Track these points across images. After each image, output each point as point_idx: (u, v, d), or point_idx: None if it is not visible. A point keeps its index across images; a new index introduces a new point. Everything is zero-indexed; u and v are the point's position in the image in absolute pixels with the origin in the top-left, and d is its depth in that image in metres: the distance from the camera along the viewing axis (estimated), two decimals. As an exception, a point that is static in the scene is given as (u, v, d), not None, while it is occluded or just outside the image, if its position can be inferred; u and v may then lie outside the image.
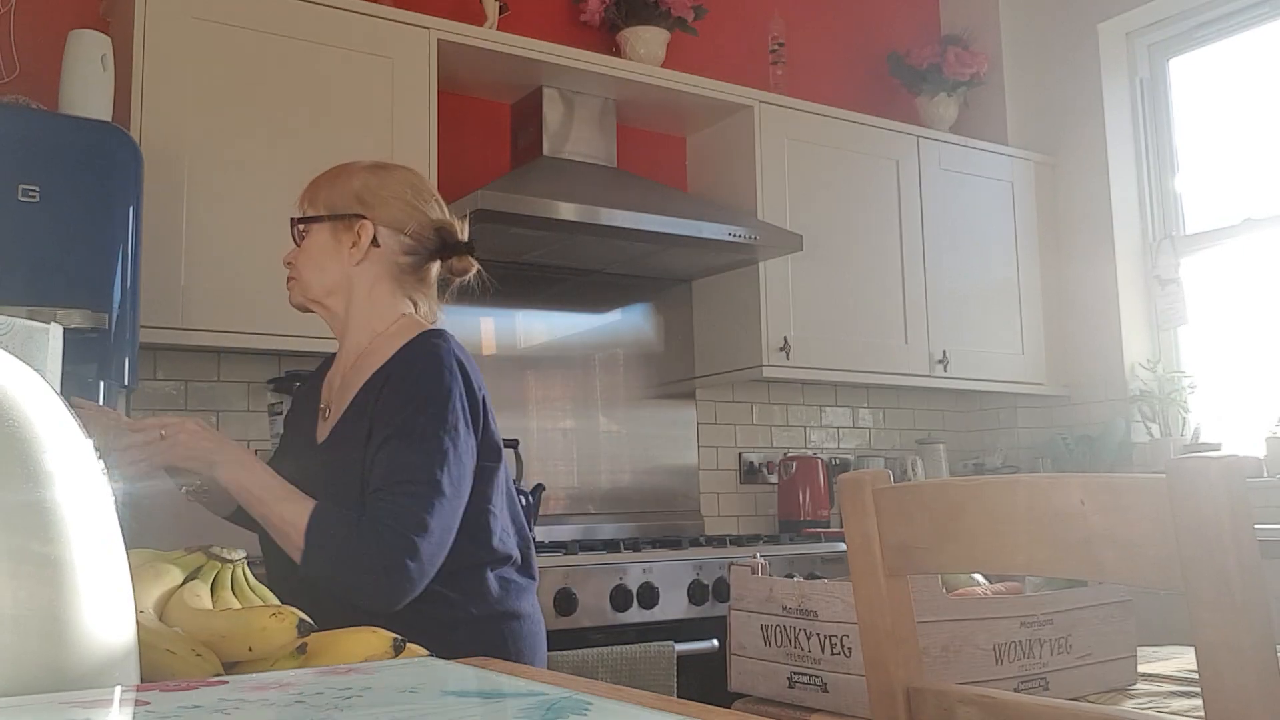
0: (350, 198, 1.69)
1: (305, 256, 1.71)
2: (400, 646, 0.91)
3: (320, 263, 1.69)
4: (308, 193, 1.73)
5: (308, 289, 1.71)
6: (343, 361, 1.70)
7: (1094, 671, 1.35)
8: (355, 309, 1.68)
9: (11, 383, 0.70)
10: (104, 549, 0.71)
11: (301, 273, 1.71)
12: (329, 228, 1.69)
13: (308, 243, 1.70)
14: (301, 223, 1.71)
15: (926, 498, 1.09)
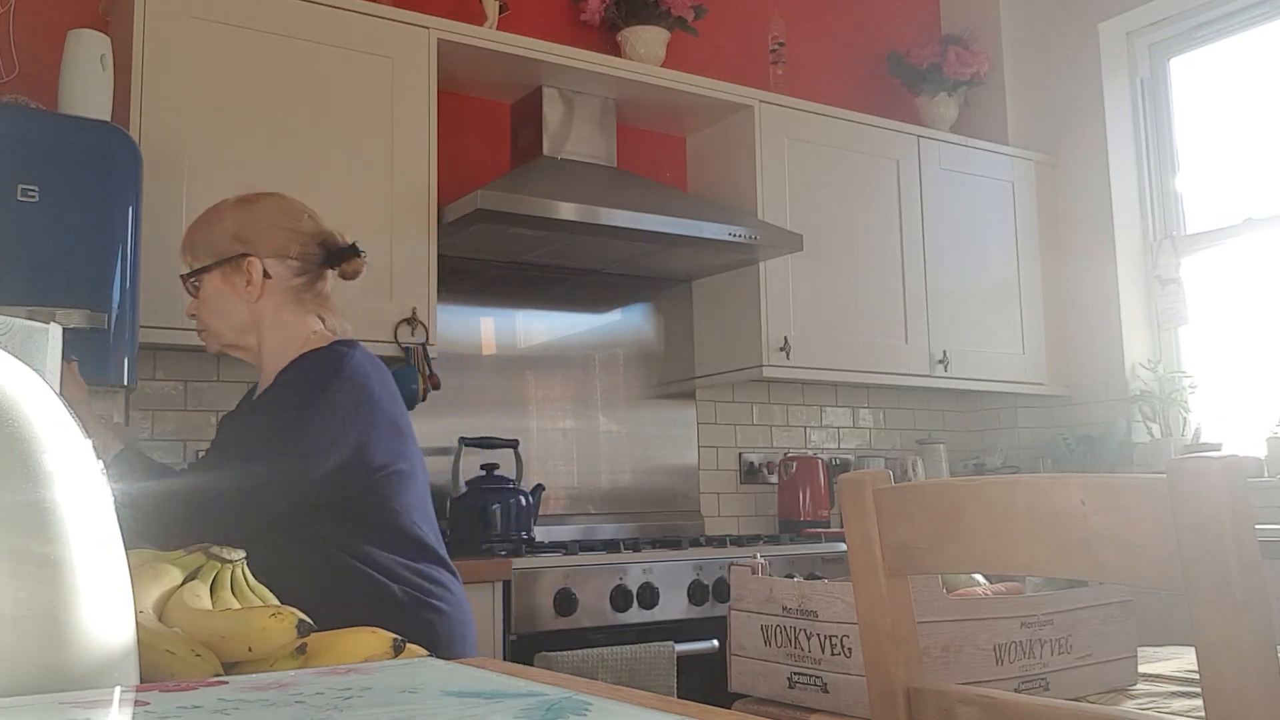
0: (229, 239, 1.75)
1: (206, 307, 1.76)
2: (400, 646, 0.91)
3: (222, 309, 1.75)
4: (186, 245, 1.79)
5: (220, 336, 1.77)
6: (262, 388, 1.78)
7: (1094, 672, 1.35)
8: (268, 341, 1.75)
9: (11, 383, 0.70)
10: (104, 549, 0.71)
11: (208, 323, 1.76)
12: (219, 274, 1.74)
13: (203, 293, 1.75)
14: (191, 276, 1.76)
15: (927, 498, 1.09)
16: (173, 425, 2.80)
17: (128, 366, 2.19)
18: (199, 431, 2.83)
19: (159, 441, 2.77)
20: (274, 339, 1.74)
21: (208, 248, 1.75)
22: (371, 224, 2.76)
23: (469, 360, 3.23)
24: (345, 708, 0.62)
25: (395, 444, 1.69)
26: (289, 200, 1.83)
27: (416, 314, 2.77)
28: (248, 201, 1.79)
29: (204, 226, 1.78)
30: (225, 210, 1.78)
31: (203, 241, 1.76)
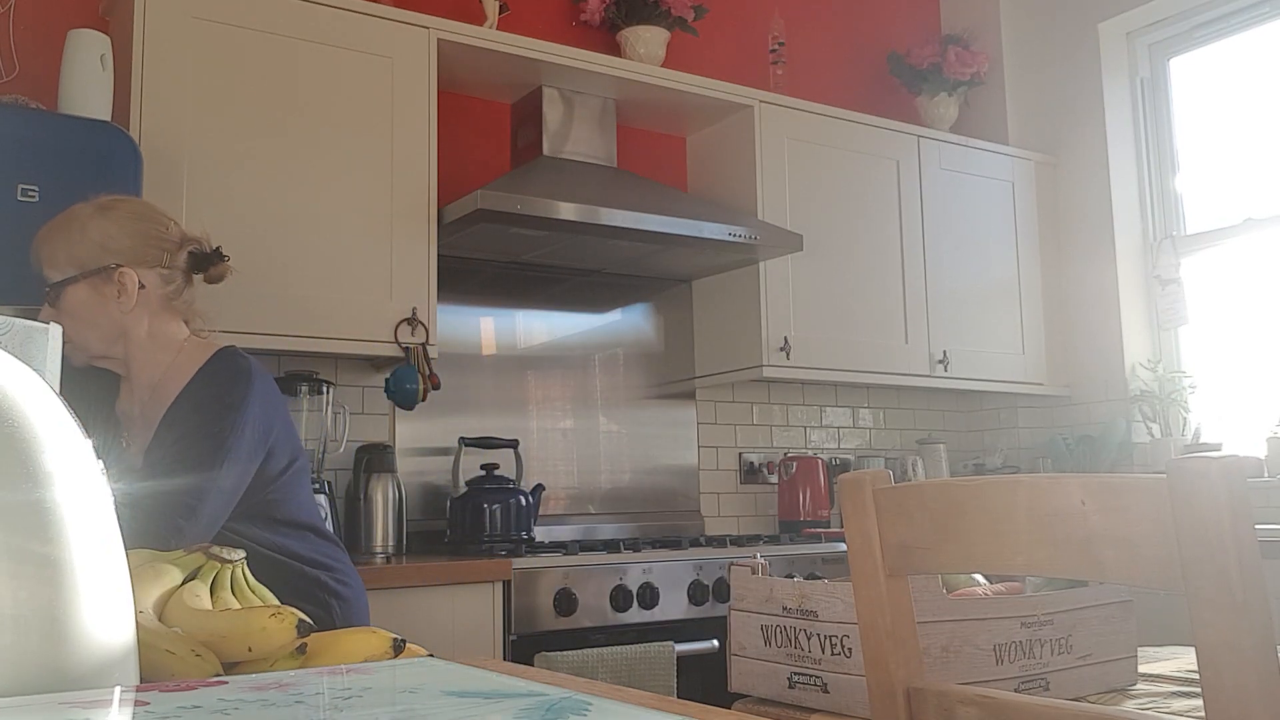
0: (96, 249, 1.69)
1: (70, 319, 1.67)
2: (400, 646, 0.91)
3: (90, 320, 1.69)
4: (44, 254, 1.71)
5: (86, 348, 1.70)
6: (136, 395, 1.74)
7: (1094, 672, 1.35)
8: (138, 349, 1.72)
9: (11, 383, 0.70)
10: (103, 549, 0.71)
11: (72, 335, 1.66)
12: (86, 285, 1.68)
13: (66, 304, 1.68)
14: (54, 288, 1.70)
15: (927, 498, 1.09)
16: (173, 425, 2.79)
17: (128, 366, 2.19)
18: (199, 431, 2.83)
19: (159, 441, 2.77)
20: (145, 349, 1.72)
21: (71, 257, 1.69)
22: (371, 224, 2.76)
23: (469, 360, 3.23)
24: (345, 708, 0.62)
25: (295, 441, 1.77)
26: (149, 206, 1.81)
27: (416, 314, 2.77)
28: (108, 209, 1.73)
29: (64, 235, 1.70)
30: (85, 219, 1.71)
31: (64, 251, 1.69)
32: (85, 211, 1.72)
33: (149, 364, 1.72)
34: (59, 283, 1.69)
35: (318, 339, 2.67)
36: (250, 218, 2.60)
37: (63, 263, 1.69)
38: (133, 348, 1.72)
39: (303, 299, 2.64)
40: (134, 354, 1.72)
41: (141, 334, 1.72)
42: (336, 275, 2.69)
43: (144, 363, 1.72)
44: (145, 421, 1.71)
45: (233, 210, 2.58)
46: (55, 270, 1.69)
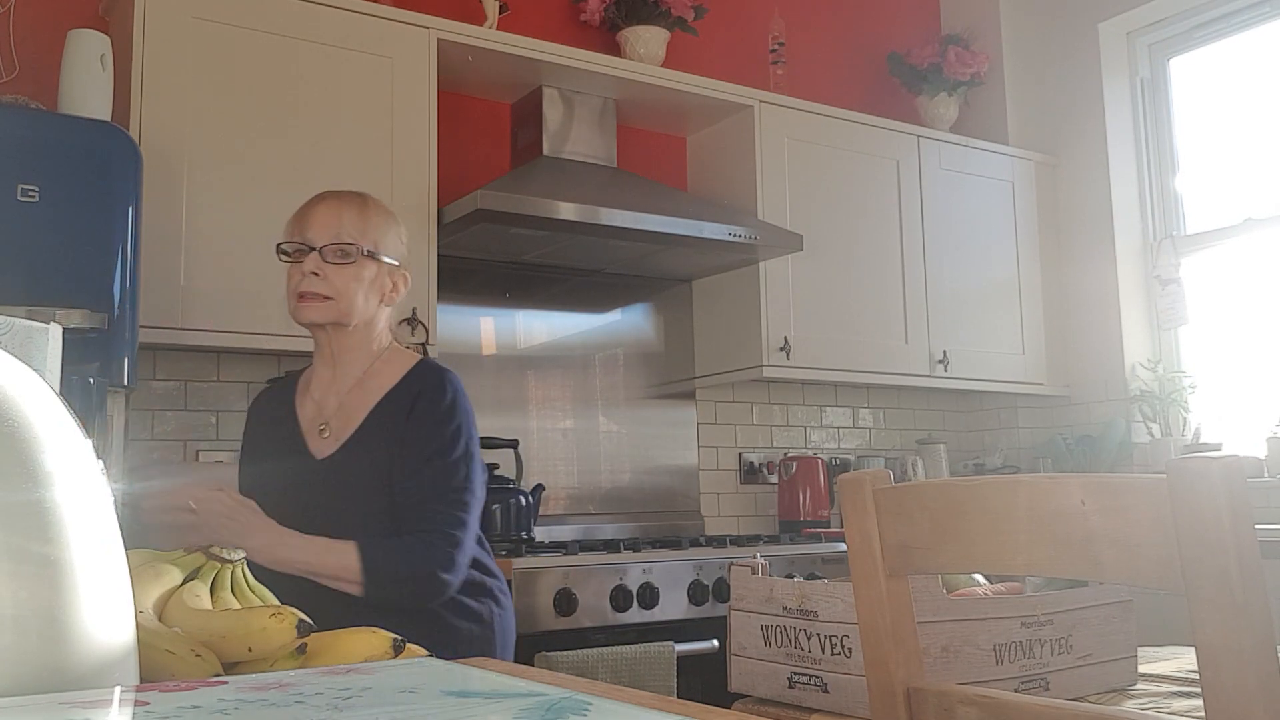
0: (399, 245, 1.84)
1: (357, 284, 1.77)
2: (400, 647, 0.91)
3: (368, 294, 1.78)
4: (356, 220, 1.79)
5: (347, 314, 1.77)
6: (337, 385, 1.82)
7: (1094, 672, 1.35)
8: (365, 340, 1.82)
9: (11, 383, 0.70)
10: (103, 549, 0.71)
11: (346, 296, 1.76)
12: (381, 267, 1.79)
13: (360, 271, 1.77)
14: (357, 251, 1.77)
15: (927, 498, 1.09)
16: (172, 425, 2.80)
17: (128, 366, 2.19)
18: (198, 431, 2.83)
19: (159, 441, 2.77)
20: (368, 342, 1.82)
21: (380, 242, 1.80)
22: (371, 224, 2.76)
23: (469, 360, 3.23)
24: (345, 708, 0.62)
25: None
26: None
27: (416, 314, 2.76)
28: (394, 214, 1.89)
29: (380, 219, 1.82)
30: (392, 215, 1.86)
31: (379, 232, 1.80)
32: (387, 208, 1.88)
33: (363, 356, 1.81)
34: (369, 253, 1.78)
35: (318, 339, 2.67)
36: (250, 218, 2.60)
37: (371, 238, 1.79)
38: (364, 337, 1.81)
39: (303, 299, 2.64)
40: (360, 342, 1.81)
41: (378, 327, 1.83)
42: (336, 275, 2.69)
43: (360, 353, 1.81)
44: (345, 413, 1.78)
45: (233, 210, 2.58)
46: (364, 238, 1.77)
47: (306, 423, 1.81)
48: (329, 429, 1.79)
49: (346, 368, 1.81)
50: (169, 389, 2.80)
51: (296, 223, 1.80)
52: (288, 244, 1.79)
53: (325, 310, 1.76)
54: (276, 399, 1.90)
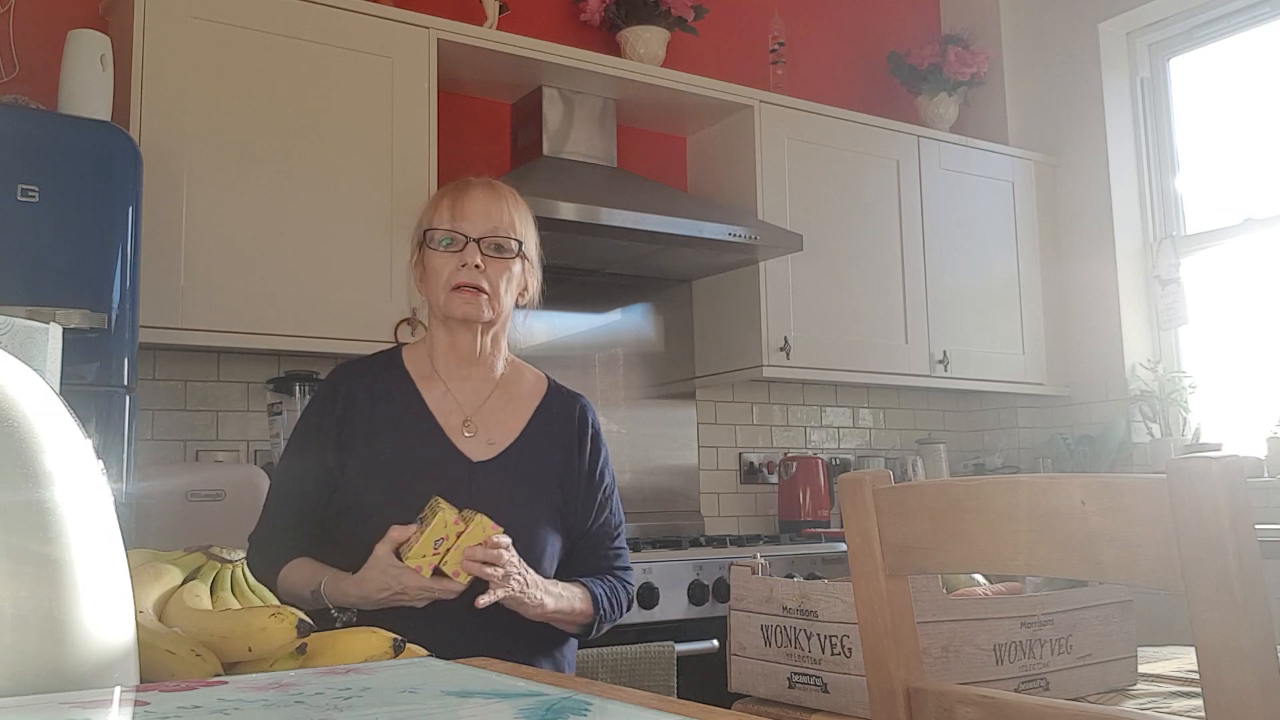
0: (537, 242, 1.77)
1: (509, 280, 1.71)
2: (400, 647, 0.91)
3: (511, 291, 1.73)
4: (512, 212, 1.71)
5: (499, 310, 1.72)
6: (475, 384, 1.74)
7: (1094, 672, 1.35)
8: (500, 340, 1.78)
9: (11, 383, 0.70)
10: (103, 549, 0.71)
11: (499, 293, 1.70)
12: (522, 263, 1.73)
13: (512, 266, 1.71)
14: (517, 249, 1.71)
15: (927, 498, 1.09)
16: (172, 425, 2.80)
17: (127, 367, 2.19)
18: (198, 432, 2.83)
19: (159, 442, 2.77)
20: (501, 344, 1.79)
21: (530, 238, 1.74)
22: (371, 224, 2.76)
23: (469, 360, 3.23)
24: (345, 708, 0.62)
25: None
26: None
27: (416, 314, 2.77)
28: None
29: (528, 214, 1.75)
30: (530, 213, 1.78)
31: (526, 227, 1.74)
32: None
33: (500, 357, 1.78)
34: (519, 247, 1.71)
35: (318, 339, 2.67)
36: (250, 217, 2.60)
37: (522, 230, 1.72)
38: (500, 336, 1.77)
39: (303, 299, 2.64)
40: (497, 342, 1.77)
41: (507, 329, 1.79)
42: (336, 275, 2.69)
43: (498, 355, 1.78)
44: (494, 418, 1.73)
45: (232, 210, 2.58)
46: (516, 231, 1.71)
47: (444, 418, 1.70)
48: (475, 431, 1.70)
49: (486, 367, 1.76)
50: (168, 389, 2.80)
51: (449, 210, 1.69)
52: (442, 232, 1.68)
53: (483, 305, 1.68)
54: (390, 379, 1.73)
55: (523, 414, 1.74)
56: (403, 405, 1.70)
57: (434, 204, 1.73)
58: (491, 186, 1.73)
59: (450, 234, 1.67)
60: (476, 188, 1.71)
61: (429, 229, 1.69)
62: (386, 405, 1.70)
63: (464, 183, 1.73)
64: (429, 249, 1.69)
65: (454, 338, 1.72)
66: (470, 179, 1.75)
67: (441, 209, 1.70)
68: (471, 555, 1.47)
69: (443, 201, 1.71)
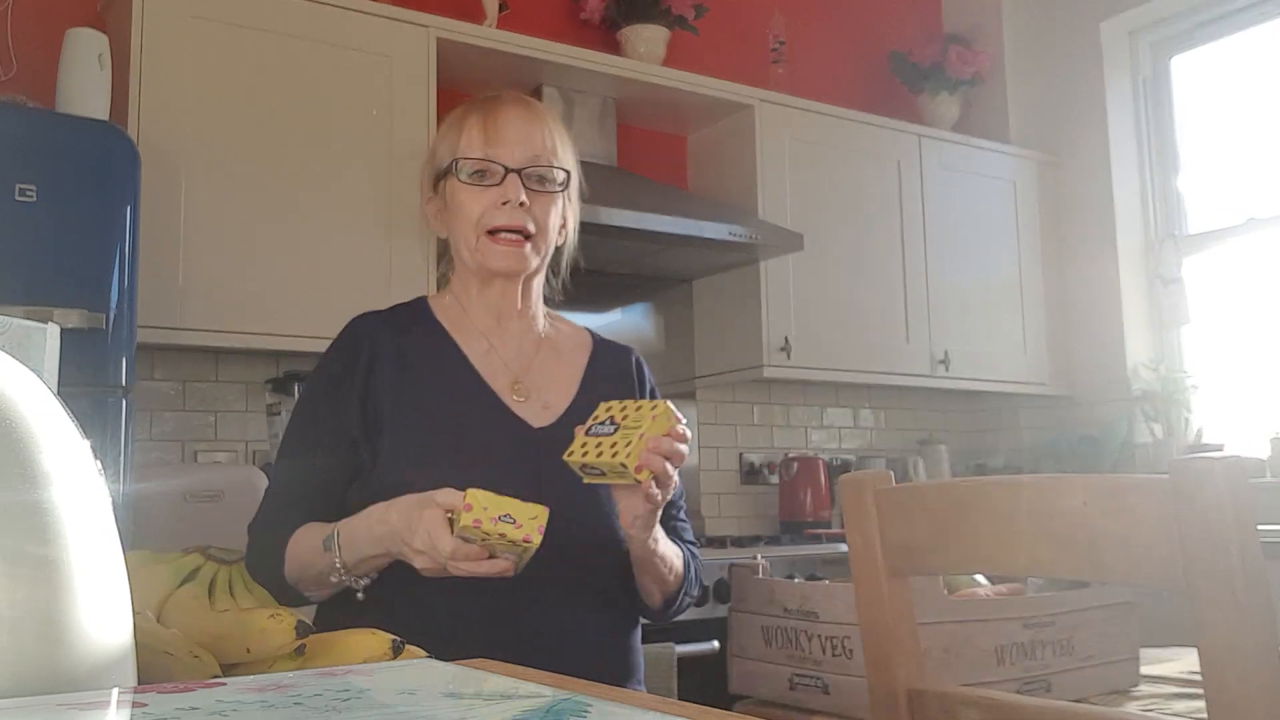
0: (580, 177, 1.47)
1: (555, 219, 1.42)
2: (399, 648, 0.91)
3: (555, 227, 1.44)
4: (556, 133, 1.44)
5: (544, 255, 1.43)
6: (520, 340, 1.44)
7: (1096, 673, 1.35)
8: (540, 287, 1.49)
9: (9, 383, 0.70)
10: (101, 550, 0.71)
11: (546, 234, 1.40)
12: (564, 197, 1.44)
13: (557, 202, 1.42)
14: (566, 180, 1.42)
15: (928, 499, 1.09)
16: (171, 426, 2.79)
17: (126, 367, 2.19)
18: (197, 432, 2.82)
19: (157, 442, 2.77)
20: (540, 286, 1.49)
21: (576, 168, 1.47)
22: (371, 224, 2.76)
23: (469, 360, 3.23)
24: (344, 709, 0.62)
25: None
26: None
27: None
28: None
29: (570, 139, 1.48)
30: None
31: (572, 156, 1.47)
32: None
33: (535, 310, 1.48)
34: (566, 178, 1.44)
35: (317, 339, 2.66)
36: (249, 218, 2.60)
37: (570, 157, 1.46)
38: (540, 284, 1.47)
39: (302, 299, 2.64)
40: (538, 291, 1.47)
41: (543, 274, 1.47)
42: (336, 275, 2.69)
43: (539, 306, 1.49)
44: (545, 378, 1.43)
45: (231, 210, 2.58)
46: (563, 158, 1.44)
47: (491, 377, 1.40)
48: (526, 394, 1.40)
49: (529, 320, 1.46)
50: (167, 389, 2.80)
51: (481, 132, 1.38)
52: (473, 161, 1.37)
53: (527, 255, 1.39)
54: (421, 334, 1.44)
55: (574, 372, 1.45)
56: (449, 364, 1.40)
57: (458, 125, 1.41)
58: (528, 104, 1.45)
59: (484, 163, 1.37)
60: (511, 105, 1.42)
61: (459, 158, 1.38)
62: (421, 365, 1.40)
63: (494, 98, 1.43)
64: (456, 180, 1.38)
65: (488, 290, 1.43)
66: (501, 93, 1.45)
67: (470, 131, 1.39)
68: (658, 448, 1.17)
69: (469, 122, 1.40)
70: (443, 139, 1.43)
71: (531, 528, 1.09)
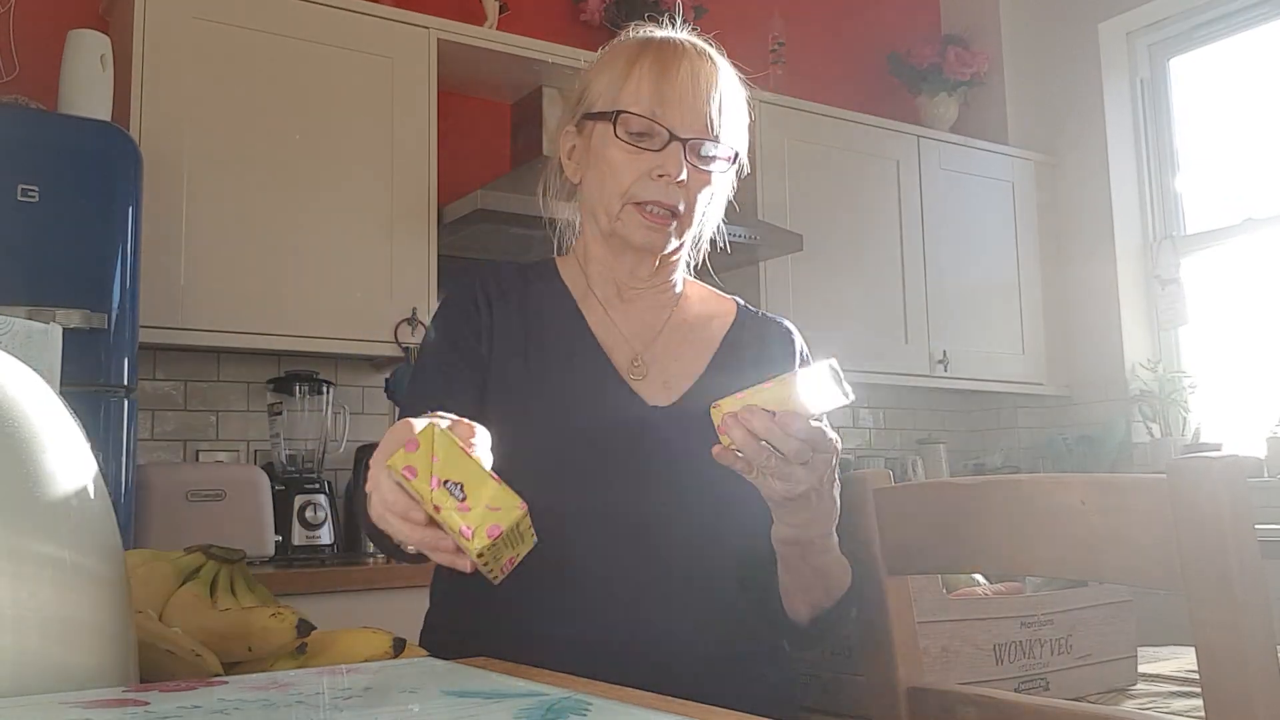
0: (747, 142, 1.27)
1: (714, 200, 1.26)
2: (400, 647, 0.91)
3: (707, 209, 1.26)
4: (735, 108, 1.24)
5: (681, 232, 1.24)
6: (648, 316, 1.29)
7: (1094, 672, 1.35)
8: (680, 259, 1.33)
9: (11, 383, 0.70)
10: (103, 549, 0.71)
11: (694, 216, 1.23)
12: (731, 176, 1.28)
13: (721, 182, 1.25)
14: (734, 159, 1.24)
15: (927, 498, 1.09)
16: (172, 425, 2.80)
17: (127, 367, 2.19)
18: (199, 432, 2.83)
19: (159, 442, 2.77)
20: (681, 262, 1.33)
21: (745, 139, 1.26)
22: (371, 224, 2.76)
23: (469, 360, 3.23)
24: (345, 708, 0.62)
25: None
26: None
27: (416, 314, 2.77)
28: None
29: (746, 111, 1.28)
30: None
31: (744, 128, 1.26)
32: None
33: (676, 278, 1.33)
34: (735, 157, 1.25)
35: (318, 339, 2.68)
36: (250, 218, 2.60)
37: (740, 136, 1.25)
38: (681, 254, 1.31)
39: (303, 299, 2.64)
40: (677, 262, 1.32)
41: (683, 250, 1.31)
42: (336, 275, 2.69)
43: (675, 275, 1.32)
44: (668, 354, 1.27)
45: (232, 210, 2.58)
46: (738, 136, 1.25)
47: (611, 350, 1.24)
48: (645, 372, 1.24)
49: (659, 291, 1.31)
50: (169, 389, 2.80)
51: (652, 86, 1.19)
52: (638, 119, 1.18)
53: (670, 235, 1.22)
54: (545, 295, 1.28)
55: (706, 348, 1.28)
56: (572, 334, 1.25)
57: (626, 69, 1.22)
58: (709, 60, 1.25)
59: (650, 124, 1.18)
60: (689, 59, 1.23)
61: (622, 111, 1.19)
62: (555, 331, 1.25)
63: (669, 45, 1.24)
64: (612, 134, 1.20)
65: (618, 260, 1.27)
66: (676, 40, 1.27)
67: (639, 81, 1.20)
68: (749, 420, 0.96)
69: (642, 69, 1.21)
70: (602, 73, 1.24)
71: (481, 523, 0.75)
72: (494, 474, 0.77)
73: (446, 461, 0.76)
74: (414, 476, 0.76)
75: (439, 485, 0.75)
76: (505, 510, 0.75)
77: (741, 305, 1.37)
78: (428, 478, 0.76)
